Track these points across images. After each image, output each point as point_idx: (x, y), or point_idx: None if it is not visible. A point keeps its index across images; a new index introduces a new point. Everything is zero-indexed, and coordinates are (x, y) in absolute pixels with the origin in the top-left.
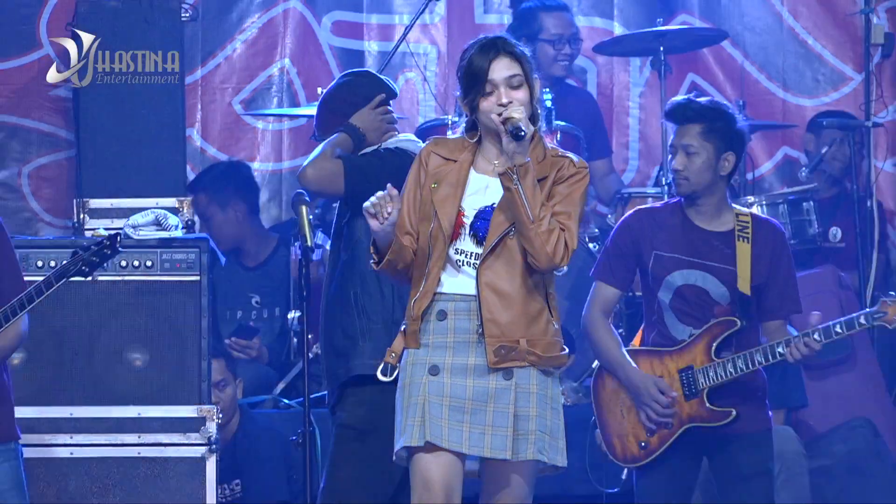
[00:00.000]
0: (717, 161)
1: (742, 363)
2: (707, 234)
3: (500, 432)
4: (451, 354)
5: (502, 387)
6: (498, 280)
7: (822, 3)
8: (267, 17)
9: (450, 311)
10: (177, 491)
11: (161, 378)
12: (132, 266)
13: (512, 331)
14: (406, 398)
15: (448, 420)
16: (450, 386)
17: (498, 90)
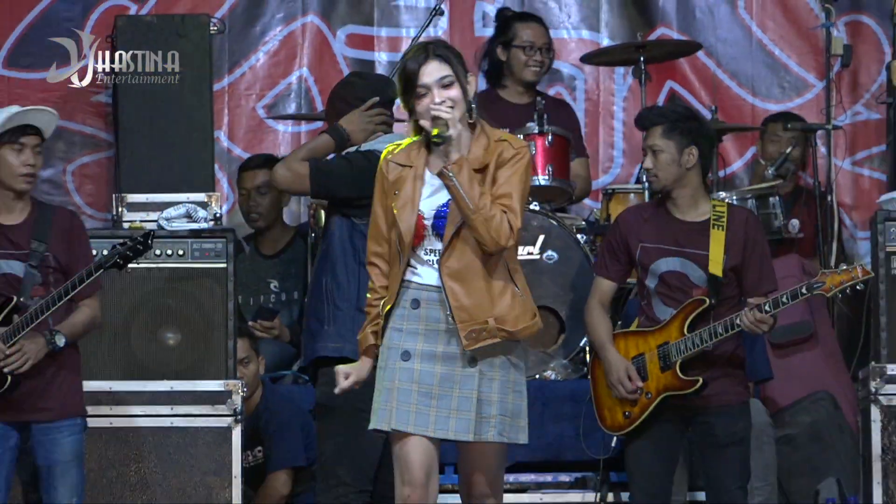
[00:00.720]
0: (679, 155)
1: (706, 335)
2: (684, 224)
3: (465, 416)
4: (422, 341)
5: (468, 374)
6: (459, 269)
7: (787, 17)
8: (287, 30)
9: (422, 301)
10: (205, 457)
11: (191, 355)
12: (165, 254)
13: (478, 313)
14: (380, 380)
15: (416, 405)
16: (419, 372)
17: (431, 92)
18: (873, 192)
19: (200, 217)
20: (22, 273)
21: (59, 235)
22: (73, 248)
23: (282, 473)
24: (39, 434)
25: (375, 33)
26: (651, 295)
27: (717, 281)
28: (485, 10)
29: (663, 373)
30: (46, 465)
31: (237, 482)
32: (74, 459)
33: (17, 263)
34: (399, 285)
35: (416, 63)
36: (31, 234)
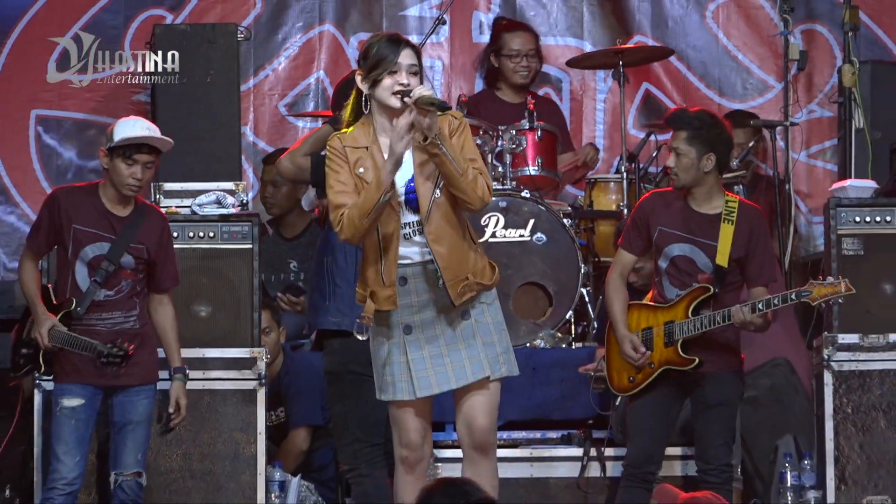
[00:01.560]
0: (699, 160)
1: (707, 321)
2: (699, 215)
3: (476, 360)
4: (418, 312)
5: (466, 325)
6: (440, 234)
7: (749, 26)
8: (306, 37)
9: (409, 276)
10: (233, 416)
11: (221, 326)
12: (198, 237)
13: (461, 270)
14: (387, 354)
15: (432, 369)
16: (424, 340)
17: (401, 72)
18: (826, 182)
19: (228, 203)
20: (126, 263)
21: (153, 233)
22: (164, 248)
23: (301, 431)
24: (121, 396)
25: None
26: (662, 274)
27: (721, 270)
28: (481, 19)
29: (666, 348)
30: (121, 423)
31: (261, 438)
32: (146, 420)
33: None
34: (397, 254)
35: (394, 46)
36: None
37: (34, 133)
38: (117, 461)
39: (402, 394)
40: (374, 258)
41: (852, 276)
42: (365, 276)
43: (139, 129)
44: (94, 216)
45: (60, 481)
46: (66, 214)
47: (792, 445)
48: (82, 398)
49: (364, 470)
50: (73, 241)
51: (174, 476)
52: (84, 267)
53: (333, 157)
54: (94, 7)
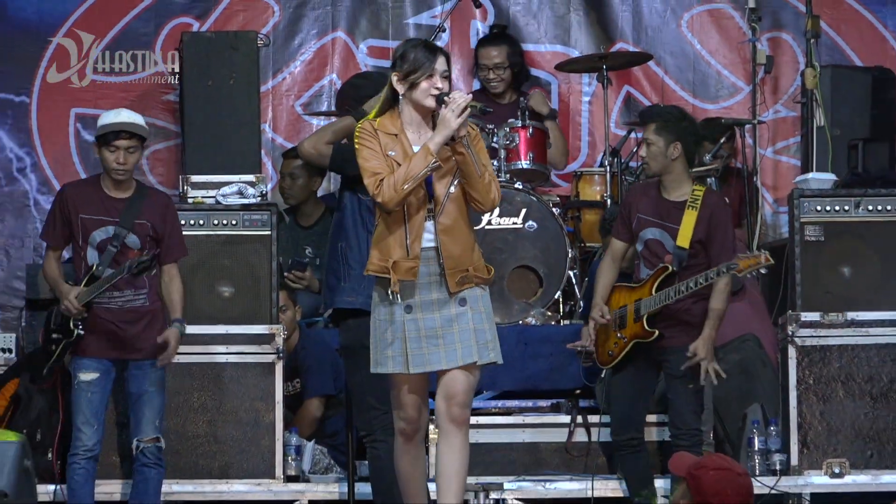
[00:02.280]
0: (666, 148)
1: (664, 297)
2: (669, 202)
3: (467, 344)
4: (419, 293)
5: (461, 311)
6: (449, 225)
7: (720, 34)
8: (319, 43)
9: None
10: (254, 387)
11: (242, 305)
12: (222, 224)
13: (463, 262)
14: (385, 331)
15: (427, 348)
16: (422, 321)
17: (436, 76)
18: (790, 175)
19: (249, 194)
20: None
21: (156, 212)
22: (169, 224)
23: (315, 400)
24: (134, 369)
25: (390, 45)
26: (639, 257)
27: (682, 251)
28: (478, 27)
29: (635, 323)
30: (137, 392)
31: (279, 407)
32: (158, 388)
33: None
34: (422, 230)
35: (431, 53)
36: (137, 210)
37: (73, 129)
38: (137, 429)
39: (398, 367)
40: (400, 232)
41: (814, 260)
42: (387, 248)
43: (116, 117)
44: (96, 204)
45: (81, 448)
46: (72, 206)
47: (759, 413)
48: (97, 372)
49: (379, 436)
50: (82, 229)
51: (201, 441)
52: (94, 251)
53: (365, 136)
54: (127, 16)
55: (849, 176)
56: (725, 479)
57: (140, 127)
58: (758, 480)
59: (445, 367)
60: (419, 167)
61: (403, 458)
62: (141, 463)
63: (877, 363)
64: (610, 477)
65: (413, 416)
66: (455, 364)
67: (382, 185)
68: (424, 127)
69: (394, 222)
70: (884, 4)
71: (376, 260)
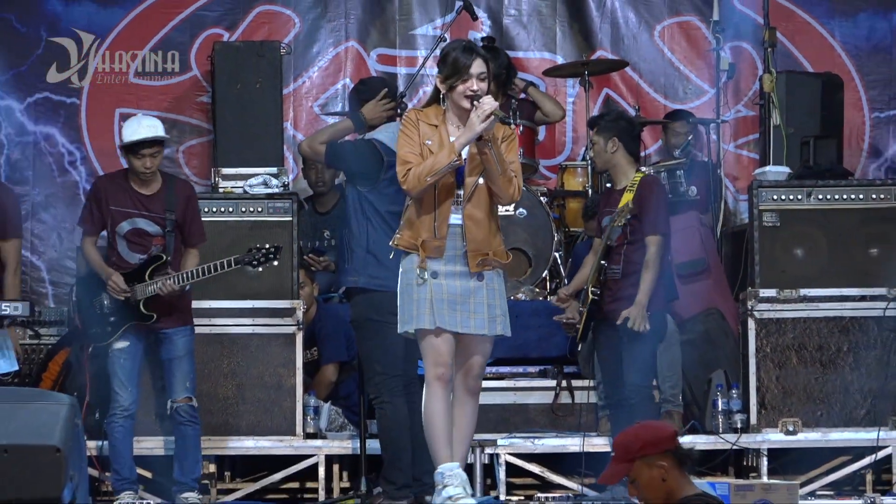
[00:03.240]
0: (605, 146)
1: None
2: (616, 191)
3: (480, 317)
4: (444, 264)
5: (478, 286)
6: (474, 213)
7: (689, 43)
8: (335, 51)
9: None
10: (277, 354)
11: (267, 281)
12: (249, 211)
13: (484, 246)
14: (416, 292)
15: (447, 310)
16: (446, 286)
17: (472, 79)
18: (750, 167)
19: (273, 184)
20: (154, 231)
21: (180, 202)
22: (189, 212)
23: (330, 366)
24: (164, 338)
25: (397, 53)
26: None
27: (616, 228)
28: (475, 37)
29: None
30: (168, 359)
31: (299, 372)
32: (187, 354)
33: (152, 224)
34: (448, 214)
35: (468, 57)
36: (164, 203)
37: (118, 127)
38: (170, 391)
39: (424, 323)
40: (429, 215)
41: (771, 243)
42: (416, 227)
43: (140, 130)
44: (124, 197)
45: (118, 408)
46: (104, 198)
47: (722, 378)
48: (128, 341)
49: (386, 398)
50: (112, 219)
51: (230, 402)
52: (122, 240)
53: (408, 125)
54: (166, 27)
55: (801, 169)
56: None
57: (161, 135)
58: (721, 437)
59: (461, 331)
60: (442, 163)
61: (439, 404)
62: (178, 422)
63: (826, 334)
64: (591, 434)
65: (448, 360)
66: (469, 331)
67: (409, 174)
68: (464, 121)
69: (425, 206)
70: (832, 18)
71: (406, 237)
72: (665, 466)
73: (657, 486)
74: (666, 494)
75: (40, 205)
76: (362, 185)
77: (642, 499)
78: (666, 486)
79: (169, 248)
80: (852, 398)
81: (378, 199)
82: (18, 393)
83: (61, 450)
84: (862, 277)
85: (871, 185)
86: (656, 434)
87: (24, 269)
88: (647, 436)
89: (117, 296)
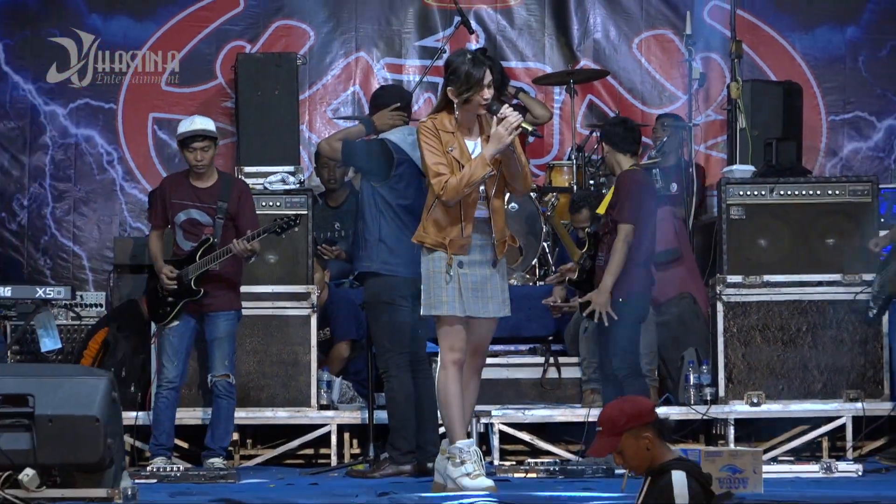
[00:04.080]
0: (604, 148)
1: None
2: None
3: (496, 301)
4: (469, 254)
5: (491, 273)
6: (497, 206)
7: (664, 54)
8: (346, 61)
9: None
10: (294, 333)
11: (284, 269)
12: (268, 205)
13: (504, 233)
14: (440, 281)
15: (472, 298)
16: (470, 276)
17: (483, 89)
18: (718, 166)
19: (290, 181)
20: (205, 221)
21: (233, 196)
22: (243, 205)
23: (342, 343)
24: (209, 319)
25: (402, 62)
26: None
27: (598, 216)
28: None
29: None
30: (211, 339)
31: (314, 350)
32: (228, 336)
33: (204, 214)
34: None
35: (480, 69)
36: (217, 195)
37: (151, 130)
38: (211, 367)
39: (454, 311)
40: (456, 215)
41: (737, 234)
42: (443, 226)
43: (191, 125)
44: (183, 191)
45: (165, 380)
46: (167, 193)
47: (694, 355)
48: (178, 320)
49: (393, 372)
50: (172, 212)
51: (252, 376)
52: (179, 230)
53: (428, 134)
54: (194, 39)
55: (765, 167)
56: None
57: (210, 130)
58: (693, 408)
59: (482, 315)
60: (479, 175)
61: (454, 385)
62: (215, 395)
63: (786, 316)
64: (575, 406)
65: (464, 346)
66: (487, 315)
67: (447, 186)
68: (475, 127)
69: (453, 207)
70: (793, 31)
71: (433, 234)
72: (649, 437)
73: (643, 455)
74: (649, 461)
75: (81, 200)
76: (375, 180)
77: (628, 466)
78: (650, 454)
79: (217, 234)
80: (810, 373)
81: (389, 194)
82: (62, 369)
83: (99, 420)
84: (819, 265)
85: (827, 182)
86: (639, 408)
87: (66, 256)
88: (630, 411)
89: (166, 286)
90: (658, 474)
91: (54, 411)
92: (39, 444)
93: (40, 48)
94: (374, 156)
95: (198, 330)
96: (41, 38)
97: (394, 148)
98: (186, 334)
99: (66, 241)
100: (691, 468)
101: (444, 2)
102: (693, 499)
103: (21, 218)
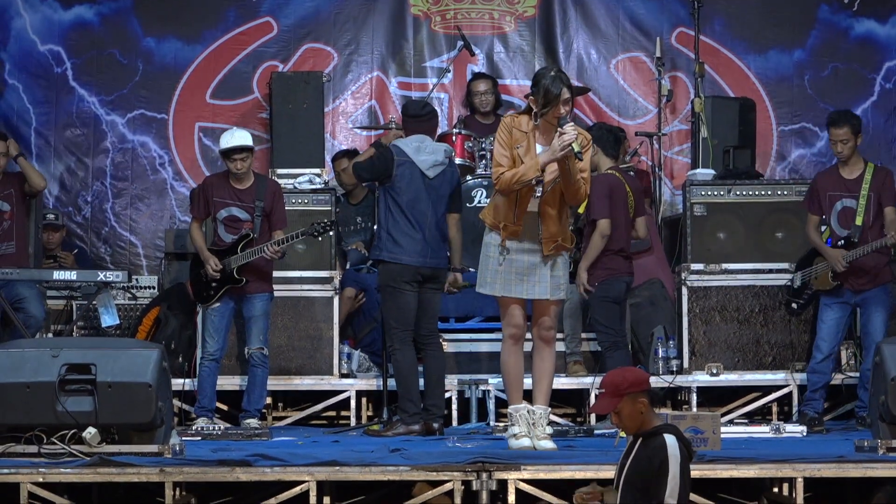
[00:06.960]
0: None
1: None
2: None
3: (544, 285)
4: (519, 241)
5: (541, 261)
6: (547, 208)
7: (637, 73)
8: (364, 79)
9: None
10: (319, 313)
11: (311, 257)
12: (298, 202)
13: (555, 234)
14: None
15: (515, 281)
16: (517, 261)
17: (559, 105)
18: (684, 170)
19: (317, 182)
20: (244, 217)
21: (268, 196)
22: (276, 203)
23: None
24: (247, 300)
25: (412, 81)
26: None
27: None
28: (472, 69)
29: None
30: (248, 316)
31: (336, 326)
32: (263, 315)
33: (243, 211)
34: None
35: (558, 86)
36: (255, 195)
37: (197, 136)
38: (248, 340)
39: (493, 291)
40: (512, 204)
41: (700, 228)
42: (500, 212)
43: (232, 139)
44: (224, 190)
45: (207, 352)
46: (210, 191)
47: (662, 332)
48: (219, 302)
49: (397, 346)
50: (214, 209)
51: (282, 349)
52: (221, 224)
53: (502, 128)
54: (233, 60)
55: (723, 171)
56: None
57: (247, 144)
58: (661, 378)
59: (526, 297)
60: (529, 175)
61: (511, 357)
62: (251, 364)
63: (742, 299)
64: (560, 375)
65: (520, 322)
66: (533, 296)
67: (501, 178)
68: (550, 134)
69: (511, 197)
70: (748, 54)
71: (491, 217)
72: (644, 402)
73: (637, 418)
74: (641, 424)
75: (137, 196)
76: (382, 183)
77: (622, 427)
78: (642, 418)
79: (256, 229)
80: (762, 348)
81: (395, 193)
82: (119, 342)
83: (152, 386)
84: (770, 255)
85: (777, 184)
86: (638, 377)
87: (124, 245)
88: (632, 378)
89: (212, 274)
90: (650, 436)
91: (113, 378)
92: (100, 407)
93: (103, 66)
94: (374, 168)
95: (236, 309)
96: (104, 58)
97: (395, 151)
98: (227, 314)
99: (123, 232)
100: (678, 433)
101: (448, 28)
102: (682, 458)
103: (85, 212)
